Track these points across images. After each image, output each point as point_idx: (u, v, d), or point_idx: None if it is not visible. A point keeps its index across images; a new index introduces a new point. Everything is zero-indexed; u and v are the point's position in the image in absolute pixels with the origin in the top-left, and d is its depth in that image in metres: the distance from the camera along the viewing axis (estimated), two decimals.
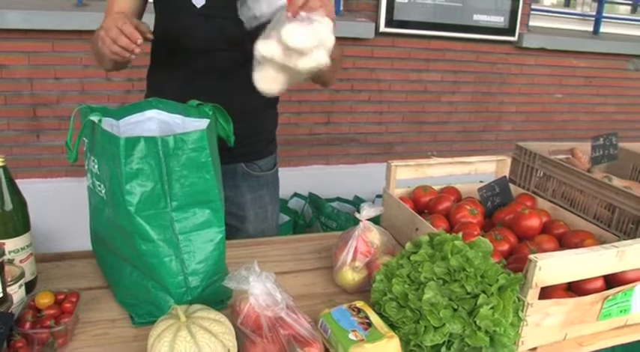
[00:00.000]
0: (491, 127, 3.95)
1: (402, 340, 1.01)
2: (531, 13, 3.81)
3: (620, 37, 4.25)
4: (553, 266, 1.04)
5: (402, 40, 3.44)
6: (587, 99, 4.17)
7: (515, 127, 4.01)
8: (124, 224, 1.05)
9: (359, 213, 1.27)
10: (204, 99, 1.19)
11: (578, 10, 4.25)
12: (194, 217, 1.08)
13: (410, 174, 1.54)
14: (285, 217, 3.10)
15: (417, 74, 3.57)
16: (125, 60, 1.22)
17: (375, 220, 1.32)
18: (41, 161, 2.89)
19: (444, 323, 0.98)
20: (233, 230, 1.61)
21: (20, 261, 1.12)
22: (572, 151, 1.79)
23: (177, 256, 1.06)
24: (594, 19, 4.17)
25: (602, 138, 1.72)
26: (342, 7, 3.35)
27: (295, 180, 3.23)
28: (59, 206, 2.61)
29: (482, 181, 1.59)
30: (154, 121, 1.24)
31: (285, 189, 1.90)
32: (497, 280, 1.02)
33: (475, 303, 0.99)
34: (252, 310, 0.97)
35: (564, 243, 1.33)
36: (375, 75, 3.45)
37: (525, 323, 1.06)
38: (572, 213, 1.51)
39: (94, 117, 1.07)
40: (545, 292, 1.08)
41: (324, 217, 3.20)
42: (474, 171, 1.63)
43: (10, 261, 1.09)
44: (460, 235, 1.12)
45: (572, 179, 1.57)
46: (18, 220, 1.12)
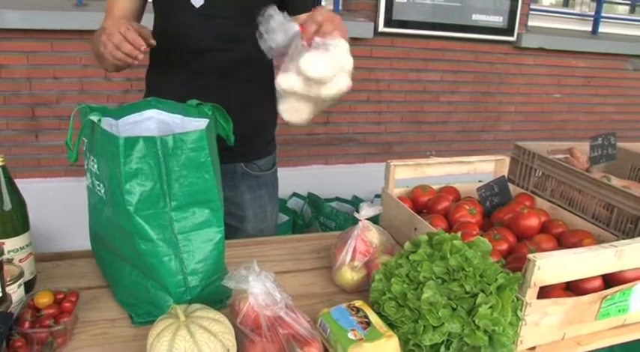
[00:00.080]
0: (490, 127, 3.96)
1: (400, 339, 1.01)
2: (530, 13, 3.81)
3: (619, 37, 4.25)
4: (552, 265, 1.04)
5: (401, 40, 3.44)
6: (586, 99, 4.17)
7: (514, 127, 4.02)
8: (123, 223, 1.05)
9: (358, 212, 1.27)
10: (203, 98, 1.19)
11: (576, 10, 4.25)
12: (193, 217, 1.08)
13: (409, 173, 1.54)
14: (284, 217, 3.10)
15: (415, 74, 3.57)
16: (127, 65, 1.22)
17: (374, 220, 1.32)
18: (40, 161, 2.89)
19: (442, 323, 0.98)
20: (232, 230, 1.61)
21: (19, 261, 1.12)
22: (570, 151, 1.79)
23: (176, 256, 1.07)
24: (593, 19, 4.17)
25: (600, 138, 1.72)
26: (340, 7, 3.34)
27: (294, 179, 3.24)
28: (58, 206, 2.61)
29: (481, 181, 1.59)
30: (153, 121, 1.24)
31: (284, 188, 1.90)
32: (496, 279, 1.02)
33: (474, 303, 0.99)
34: (251, 309, 0.97)
35: (563, 242, 1.33)
36: (374, 75, 3.45)
37: (524, 323, 1.06)
38: (570, 212, 1.51)
39: (93, 117, 1.07)
40: (544, 291, 1.08)
41: (323, 217, 3.20)
42: (472, 171, 1.63)
43: (10, 261, 1.09)
44: (459, 235, 1.12)
45: (570, 179, 1.57)
46: (17, 220, 1.12)
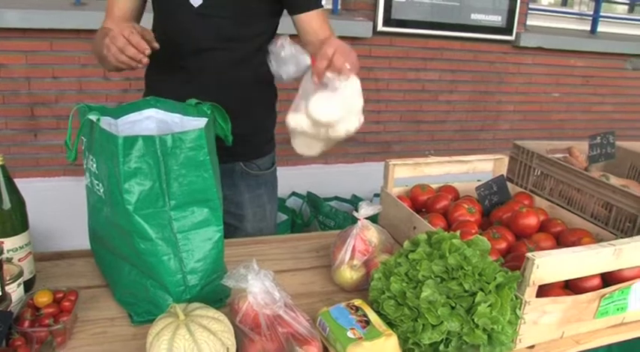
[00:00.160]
0: (489, 126, 3.96)
1: (400, 338, 1.01)
2: (529, 12, 3.82)
3: (618, 37, 4.25)
4: (550, 264, 1.04)
5: (400, 39, 3.44)
6: (585, 98, 4.17)
7: (513, 126, 4.02)
8: (122, 223, 1.05)
9: (357, 211, 1.27)
10: (202, 98, 1.19)
11: (575, 10, 4.26)
12: (192, 216, 1.08)
13: (408, 172, 1.54)
14: (284, 216, 3.10)
15: (414, 73, 3.57)
16: (131, 68, 1.22)
17: (373, 219, 1.32)
18: (39, 160, 2.89)
19: (442, 321, 0.98)
20: (231, 229, 1.61)
21: (19, 260, 1.12)
22: (569, 150, 1.79)
23: (175, 255, 1.07)
24: (592, 18, 4.18)
25: (599, 137, 1.72)
26: (339, 6, 3.35)
27: (293, 179, 3.23)
28: (57, 205, 2.60)
29: (479, 180, 1.59)
30: (152, 120, 1.24)
31: (284, 188, 1.90)
32: (495, 278, 1.02)
33: (473, 301, 0.99)
34: (250, 308, 0.97)
35: (562, 241, 1.34)
36: (373, 74, 3.45)
37: (523, 321, 1.06)
38: (569, 211, 1.51)
39: (92, 116, 1.07)
40: (543, 290, 1.08)
41: (322, 216, 3.20)
42: (471, 170, 1.63)
43: (9, 260, 1.10)
44: (458, 233, 1.13)
45: (569, 178, 1.57)
46: (16, 219, 1.12)
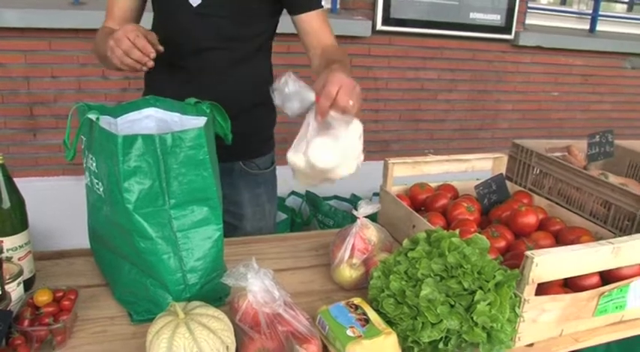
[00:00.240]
0: (488, 125, 3.96)
1: (399, 336, 1.01)
2: (528, 11, 3.82)
3: (617, 36, 4.26)
4: (549, 262, 1.04)
5: (399, 39, 3.44)
6: (584, 97, 4.17)
7: (512, 125, 4.02)
8: (122, 221, 1.05)
9: (356, 210, 1.27)
10: (202, 97, 1.19)
11: (574, 9, 4.26)
12: (192, 215, 1.08)
13: (407, 171, 1.55)
14: (283, 215, 3.10)
15: (413, 72, 3.57)
16: (135, 70, 1.22)
17: (373, 218, 1.32)
18: (38, 160, 2.89)
19: (441, 320, 0.98)
20: (231, 228, 1.61)
21: (18, 259, 1.12)
22: (568, 149, 1.79)
23: (175, 253, 1.07)
24: (590, 17, 4.18)
25: (598, 136, 1.73)
26: (338, 6, 3.35)
27: (293, 178, 3.23)
28: (57, 204, 2.60)
29: (479, 179, 1.59)
30: (151, 119, 1.24)
31: (283, 187, 1.89)
32: (494, 276, 1.02)
33: (472, 299, 0.99)
34: (250, 307, 0.97)
35: (560, 239, 1.34)
36: (372, 73, 3.45)
37: (522, 319, 1.06)
38: (568, 210, 1.51)
39: (91, 116, 1.08)
40: (542, 288, 1.08)
41: (321, 215, 3.20)
42: (470, 169, 1.63)
43: (9, 259, 1.10)
44: (457, 232, 1.13)
45: (568, 176, 1.57)
46: (16, 218, 1.12)
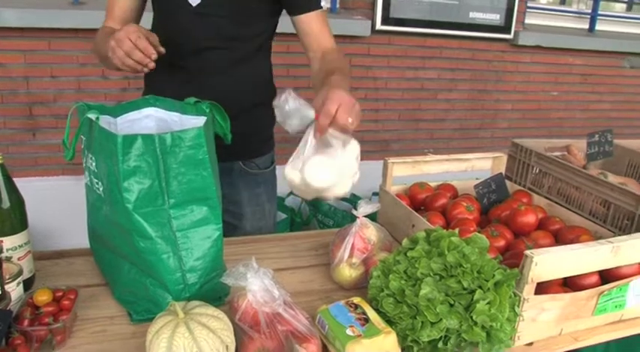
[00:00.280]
0: (488, 125, 3.96)
1: (399, 335, 1.01)
2: (527, 10, 3.82)
3: (616, 35, 4.26)
4: (549, 261, 1.04)
5: (399, 38, 3.44)
6: (583, 96, 4.18)
7: (511, 125, 4.02)
8: (121, 221, 1.05)
9: (356, 210, 1.27)
10: (202, 97, 1.19)
11: (573, 8, 4.26)
12: (191, 214, 1.08)
13: (406, 171, 1.55)
14: (283, 215, 3.10)
15: (413, 72, 3.57)
16: (136, 72, 1.22)
17: (372, 217, 1.32)
18: (37, 159, 2.89)
19: (440, 319, 0.98)
20: (230, 227, 1.61)
21: (18, 259, 1.12)
22: (567, 148, 1.80)
23: (175, 253, 1.07)
24: (590, 16, 4.18)
25: (597, 135, 1.73)
26: (338, 5, 3.35)
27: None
28: (56, 204, 2.60)
29: (478, 178, 1.60)
30: (151, 119, 1.24)
31: (283, 187, 1.89)
32: (494, 275, 1.02)
33: (472, 299, 0.99)
34: (250, 306, 0.97)
35: (560, 238, 1.34)
36: (372, 73, 3.45)
37: (521, 318, 1.06)
38: (567, 209, 1.52)
39: (91, 115, 1.08)
40: (541, 287, 1.08)
41: (321, 215, 3.21)
42: (470, 168, 1.63)
43: (8, 259, 1.10)
44: (457, 231, 1.13)
45: (567, 175, 1.57)
46: (15, 218, 1.12)
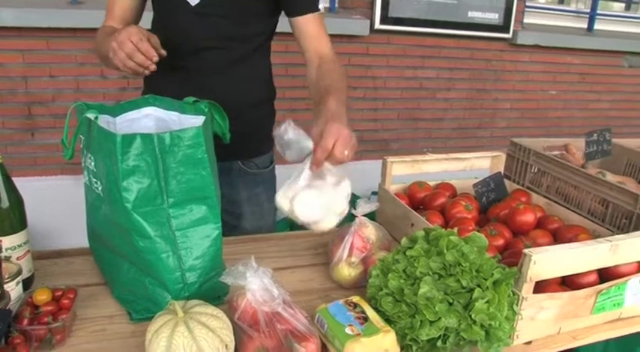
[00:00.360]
0: (486, 124, 3.96)
1: (398, 334, 1.01)
2: (526, 10, 3.82)
3: (614, 34, 4.26)
4: (547, 260, 1.04)
5: (397, 37, 3.44)
6: (582, 95, 4.18)
7: (510, 124, 4.03)
8: (121, 221, 1.05)
9: (355, 209, 1.27)
10: (201, 96, 1.19)
11: (572, 7, 4.27)
12: (191, 213, 1.08)
13: (405, 170, 1.55)
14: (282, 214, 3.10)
15: (412, 71, 3.57)
16: (137, 74, 1.21)
17: (371, 216, 1.32)
18: (36, 159, 2.89)
19: (439, 318, 0.98)
20: (230, 227, 1.60)
21: (17, 258, 1.12)
22: (566, 147, 1.80)
23: (174, 252, 1.07)
24: (588, 16, 4.19)
25: (595, 134, 1.73)
26: (337, 4, 3.35)
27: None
28: (55, 204, 2.60)
29: (477, 177, 1.60)
30: (150, 118, 1.24)
31: (282, 186, 1.90)
32: (493, 274, 1.02)
33: (470, 297, 1.00)
34: (249, 305, 0.97)
35: (559, 237, 1.34)
36: (371, 72, 3.45)
37: (520, 317, 1.07)
38: (566, 208, 1.52)
39: (90, 115, 1.08)
40: (540, 286, 1.09)
41: None
42: (469, 167, 1.64)
43: (7, 258, 1.10)
44: (455, 230, 1.13)
45: (566, 174, 1.58)
46: (15, 217, 1.12)
